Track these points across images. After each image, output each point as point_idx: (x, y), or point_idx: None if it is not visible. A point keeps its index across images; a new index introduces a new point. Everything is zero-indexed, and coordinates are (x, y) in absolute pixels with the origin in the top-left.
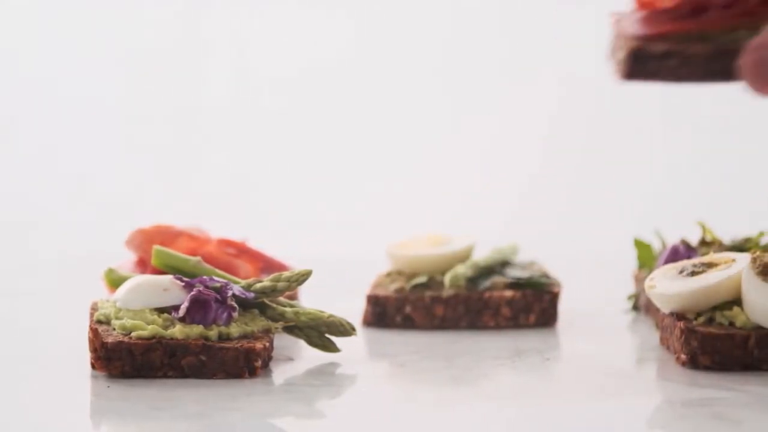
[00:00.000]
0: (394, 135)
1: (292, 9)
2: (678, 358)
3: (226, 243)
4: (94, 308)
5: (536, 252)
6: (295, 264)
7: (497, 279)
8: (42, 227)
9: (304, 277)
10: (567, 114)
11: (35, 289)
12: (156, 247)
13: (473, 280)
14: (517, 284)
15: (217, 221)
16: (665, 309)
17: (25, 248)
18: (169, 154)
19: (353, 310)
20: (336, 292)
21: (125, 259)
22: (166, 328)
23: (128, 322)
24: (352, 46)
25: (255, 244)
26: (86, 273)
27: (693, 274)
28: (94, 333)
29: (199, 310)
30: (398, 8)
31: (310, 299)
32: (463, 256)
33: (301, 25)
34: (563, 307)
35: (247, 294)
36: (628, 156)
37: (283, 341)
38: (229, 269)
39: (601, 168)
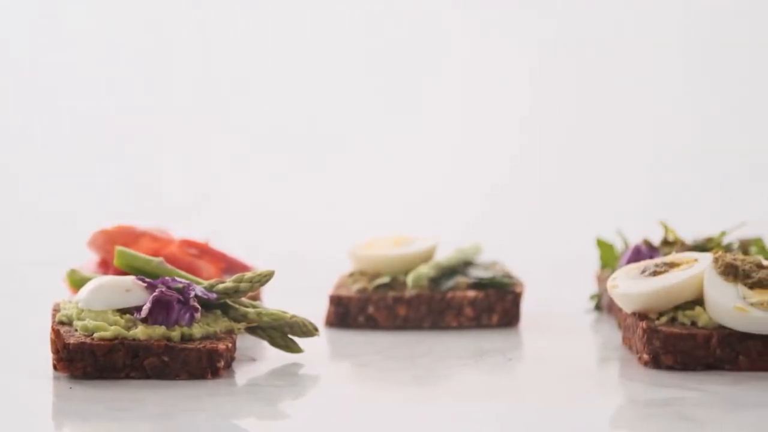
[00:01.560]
0: (357, 136)
1: (256, 10)
2: (640, 358)
3: (188, 244)
4: (56, 309)
5: (499, 252)
6: (258, 264)
7: (460, 279)
8: (3, 228)
9: (266, 277)
10: (533, 116)
11: None
12: (118, 247)
13: (436, 281)
14: (479, 284)
15: (180, 222)
16: (628, 309)
17: None
18: (133, 155)
19: (316, 311)
20: (299, 292)
21: (87, 259)
22: (128, 329)
23: (90, 323)
24: (317, 47)
25: (217, 244)
26: (48, 274)
27: (655, 273)
28: (56, 334)
29: (161, 310)
30: (365, 6)
31: (272, 300)
32: (426, 257)
33: (264, 25)
34: (526, 307)
35: (210, 295)
36: (590, 157)
37: (245, 342)
38: (192, 270)
39: (564, 168)
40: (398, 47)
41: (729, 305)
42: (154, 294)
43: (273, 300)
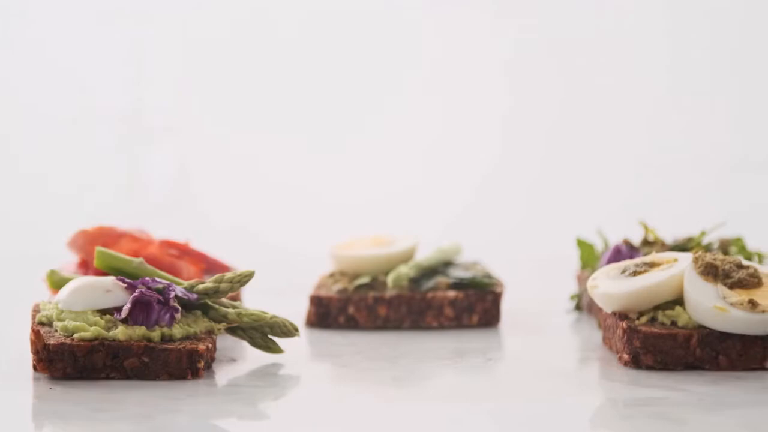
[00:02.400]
0: (337, 136)
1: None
2: (620, 358)
3: (168, 244)
4: (36, 310)
5: (479, 252)
6: (238, 265)
7: (440, 279)
8: None
9: (246, 278)
10: (514, 116)
11: None
12: (98, 248)
13: (416, 281)
14: (460, 284)
15: (160, 222)
16: (608, 309)
17: None
18: (112, 155)
19: (296, 311)
20: (279, 292)
21: (67, 260)
22: (108, 329)
23: (70, 323)
24: (297, 46)
25: (198, 245)
26: (28, 274)
27: (635, 273)
28: (36, 335)
29: (141, 311)
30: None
31: (253, 300)
32: (406, 257)
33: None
34: (506, 307)
35: (190, 295)
36: (571, 157)
37: (226, 342)
38: (172, 270)
39: (544, 169)
40: (379, 46)
41: (709, 305)
42: (134, 295)
43: (253, 300)
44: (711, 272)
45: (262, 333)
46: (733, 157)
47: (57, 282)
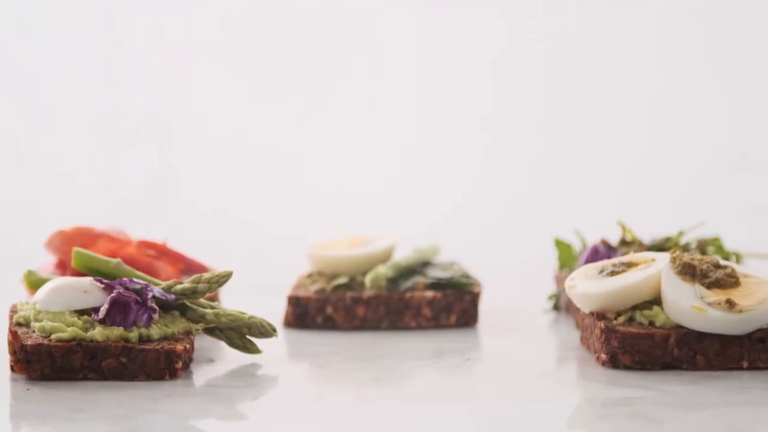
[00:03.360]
0: (315, 136)
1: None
2: (598, 358)
3: (146, 245)
4: (13, 310)
5: (457, 252)
6: (216, 265)
7: (418, 279)
8: None
9: (224, 278)
10: (493, 117)
11: None
12: (76, 248)
13: (394, 281)
14: (437, 285)
15: (138, 223)
16: (585, 309)
17: None
18: (90, 156)
19: (274, 311)
20: (257, 293)
21: (45, 260)
22: (86, 330)
23: (48, 324)
24: (281, 45)
25: (175, 245)
26: (6, 275)
27: (613, 273)
28: (14, 335)
29: (119, 312)
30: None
31: (231, 300)
32: (384, 257)
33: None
34: (484, 307)
35: (168, 296)
36: (548, 157)
37: (204, 343)
38: (150, 271)
39: (522, 170)
40: (361, 46)
41: (686, 305)
42: (112, 295)
43: (231, 301)
44: (689, 272)
45: (240, 333)
46: (711, 159)
47: (34, 282)
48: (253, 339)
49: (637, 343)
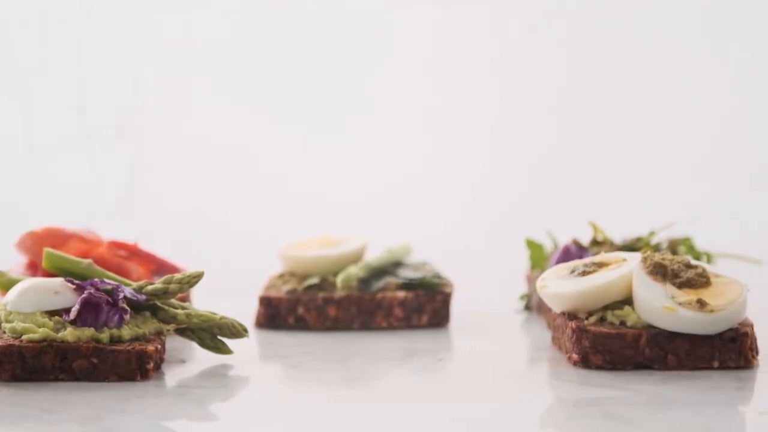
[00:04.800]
0: (287, 136)
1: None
2: (570, 358)
3: (117, 245)
4: None
5: (429, 252)
6: (187, 266)
7: (390, 280)
8: None
9: (195, 278)
10: (463, 116)
11: None
12: (47, 249)
13: (366, 281)
14: (409, 285)
15: (109, 223)
16: (557, 309)
17: None
18: (61, 156)
19: (246, 312)
20: (228, 293)
21: (16, 261)
22: (57, 331)
23: (19, 325)
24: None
25: (147, 246)
26: None
27: (584, 273)
28: None
29: (90, 312)
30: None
31: (202, 301)
32: (356, 257)
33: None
34: (456, 307)
35: (139, 296)
36: (519, 157)
37: (175, 343)
38: (121, 271)
39: (493, 169)
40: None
41: (658, 305)
42: (83, 296)
43: (202, 301)
44: (660, 272)
45: (212, 334)
46: (683, 157)
47: (5, 283)
48: (224, 339)
49: (608, 343)
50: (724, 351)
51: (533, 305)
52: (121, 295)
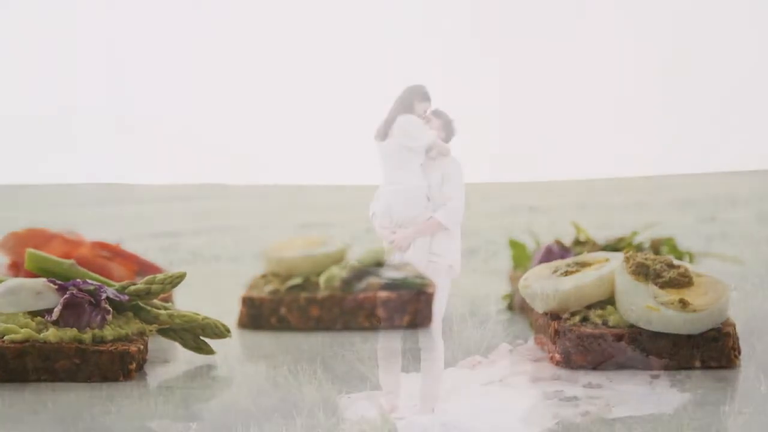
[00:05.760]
0: (269, 134)
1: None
2: (552, 358)
3: (100, 246)
4: None
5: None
6: (170, 266)
7: (372, 280)
8: None
9: (178, 279)
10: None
11: None
12: (29, 250)
13: (348, 282)
14: (391, 285)
15: (91, 224)
16: (539, 308)
17: None
18: (41, 156)
19: (228, 312)
20: (211, 294)
21: None
22: (39, 331)
23: (1, 326)
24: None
25: (129, 246)
26: None
27: (567, 273)
28: None
29: (72, 313)
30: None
31: (184, 301)
32: (338, 258)
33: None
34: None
35: (122, 296)
36: (504, 155)
37: (158, 344)
38: (103, 272)
39: (476, 165)
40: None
41: (640, 304)
42: (66, 296)
43: (185, 302)
44: (642, 272)
45: (194, 334)
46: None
47: None
48: (207, 340)
49: (590, 343)
50: (706, 351)
51: (516, 305)
52: (104, 296)
